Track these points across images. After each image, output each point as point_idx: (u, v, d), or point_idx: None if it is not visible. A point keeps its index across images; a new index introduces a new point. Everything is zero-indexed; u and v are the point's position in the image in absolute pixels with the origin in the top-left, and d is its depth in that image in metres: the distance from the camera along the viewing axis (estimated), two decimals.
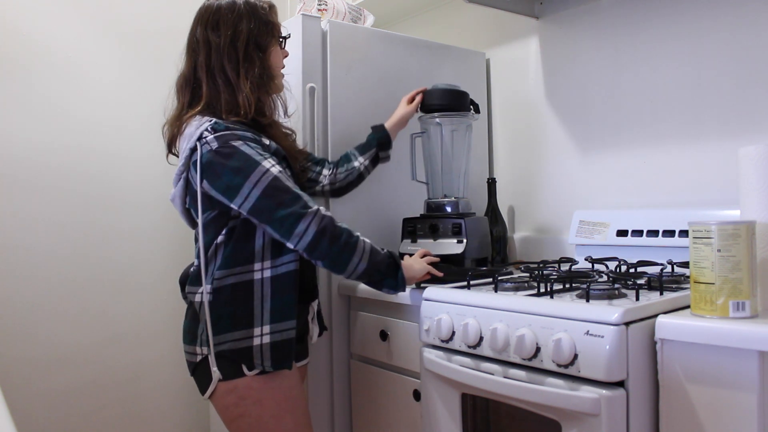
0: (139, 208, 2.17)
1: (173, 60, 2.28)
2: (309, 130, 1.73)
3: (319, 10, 1.90)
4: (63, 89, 2.05)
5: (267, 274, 1.32)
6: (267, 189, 1.26)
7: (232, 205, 1.28)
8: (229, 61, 1.34)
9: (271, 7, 1.43)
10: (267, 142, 1.35)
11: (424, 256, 1.52)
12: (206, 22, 1.36)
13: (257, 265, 1.32)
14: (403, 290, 1.40)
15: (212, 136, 1.28)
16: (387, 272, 1.36)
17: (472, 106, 1.76)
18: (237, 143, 1.27)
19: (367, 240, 1.35)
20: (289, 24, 1.78)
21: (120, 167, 2.15)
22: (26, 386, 1.95)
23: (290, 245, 1.28)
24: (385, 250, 1.37)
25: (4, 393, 0.99)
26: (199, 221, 1.35)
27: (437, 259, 1.53)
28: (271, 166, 1.28)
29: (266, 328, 1.30)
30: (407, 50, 1.95)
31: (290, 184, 1.29)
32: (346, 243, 1.29)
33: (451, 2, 2.28)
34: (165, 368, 2.22)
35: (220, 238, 1.33)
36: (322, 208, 1.30)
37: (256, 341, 1.30)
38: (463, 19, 2.25)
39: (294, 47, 1.72)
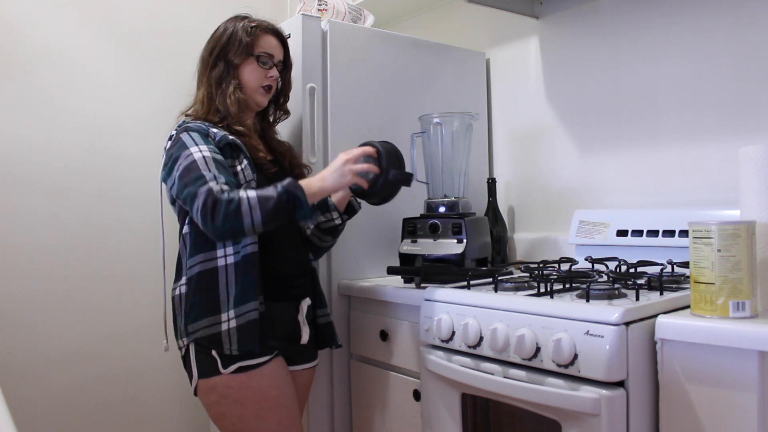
0: (140, 205, 2.17)
1: (173, 59, 2.29)
2: (309, 130, 1.73)
3: (319, 10, 1.90)
4: (63, 88, 2.05)
5: (230, 260, 1.36)
6: (182, 170, 1.30)
7: (172, 193, 1.38)
8: (203, 71, 1.49)
9: (256, 28, 1.48)
10: (215, 130, 1.39)
11: (355, 159, 1.40)
12: (208, 38, 1.52)
13: (220, 252, 1.36)
14: (307, 213, 1.32)
15: (177, 134, 1.39)
16: (289, 208, 1.29)
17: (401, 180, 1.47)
18: (182, 134, 1.37)
19: (252, 194, 1.26)
20: (289, 24, 1.78)
21: (121, 165, 2.15)
22: (26, 383, 1.95)
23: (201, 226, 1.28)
24: (280, 187, 1.28)
25: (4, 390, 1.00)
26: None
27: (369, 150, 1.42)
28: (197, 150, 1.32)
29: (231, 313, 1.34)
30: (407, 50, 1.95)
31: (205, 166, 1.28)
32: (228, 213, 1.23)
33: (451, 2, 2.27)
34: (166, 365, 2.21)
35: (184, 229, 1.41)
36: (217, 186, 1.25)
37: (224, 326, 1.34)
38: (463, 19, 2.25)
39: (294, 47, 1.72)
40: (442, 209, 1.73)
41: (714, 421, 1.01)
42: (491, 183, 2.00)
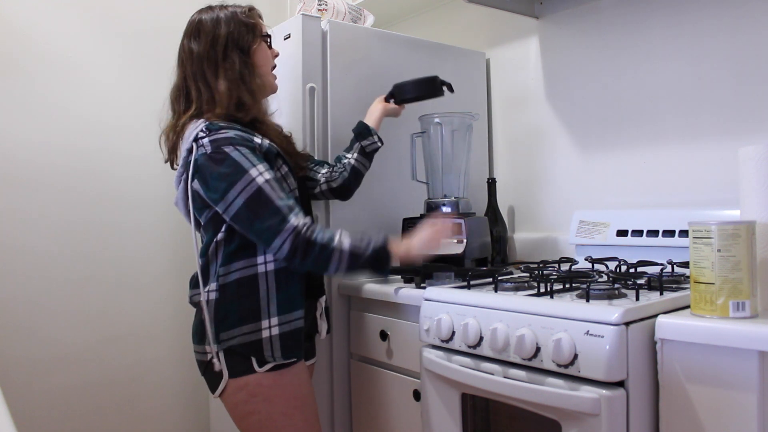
0: (140, 207, 2.17)
1: (173, 59, 2.29)
2: (309, 130, 1.73)
3: (319, 10, 1.90)
4: (63, 89, 2.05)
5: (270, 267, 1.34)
6: (249, 200, 1.28)
7: (217, 209, 1.32)
8: (209, 65, 1.39)
9: (251, 9, 1.46)
10: (258, 140, 1.36)
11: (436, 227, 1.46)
12: (189, 33, 1.43)
13: (260, 258, 1.34)
14: (387, 274, 1.46)
15: (207, 139, 1.32)
16: (372, 267, 1.35)
17: (444, 86, 1.69)
18: (228, 149, 1.30)
19: (347, 246, 1.30)
20: (289, 24, 1.78)
21: (120, 166, 2.15)
22: (26, 386, 1.95)
23: (271, 254, 1.33)
24: (371, 250, 1.32)
25: (4, 392, 1.00)
26: (198, 221, 1.41)
27: (448, 226, 1.48)
28: (258, 174, 1.29)
29: (274, 320, 1.32)
30: (407, 50, 1.95)
31: (275, 194, 1.29)
32: (319, 257, 1.28)
33: (451, 2, 2.27)
34: (165, 368, 2.22)
35: (220, 236, 1.36)
36: (301, 221, 1.28)
37: (265, 333, 1.32)
38: (463, 19, 2.25)
39: (294, 47, 1.72)
40: (442, 209, 1.73)
41: (714, 421, 1.01)
42: (491, 183, 2.00)
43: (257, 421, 1.35)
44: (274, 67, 1.51)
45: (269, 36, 1.49)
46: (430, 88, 1.68)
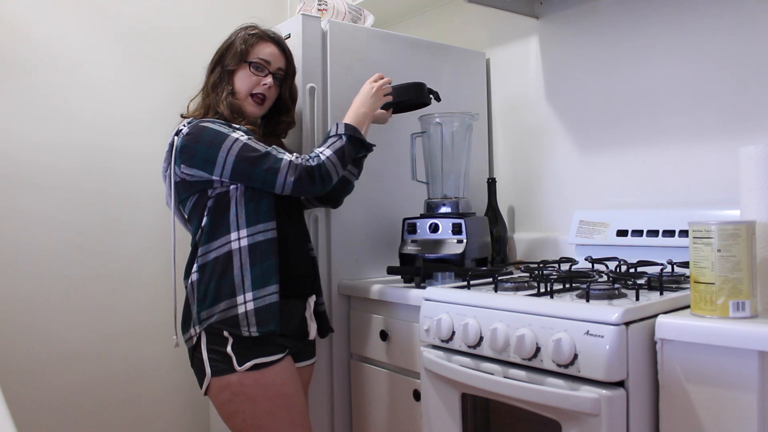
0: (141, 206, 2.17)
1: (173, 59, 2.30)
2: (309, 130, 1.73)
3: (319, 10, 1.90)
4: (64, 88, 2.05)
5: (244, 243, 1.38)
6: (239, 154, 1.36)
7: (213, 177, 1.38)
8: (206, 77, 1.54)
9: (253, 37, 1.51)
10: (237, 127, 1.44)
11: (377, 84, 1.59)
12: None
13: (233, 235, 1.38)
14: (369, 145, 1.56)
15: (186, 128, 1.41)
16: (357, 149, 1.51)
17: (432, 95, 1.68)
18: (206, 123, 1.41)
19: (329, 152, 1.44)
20: (289, 24, 1.78)
21: (121, 165, 2.15)
22: (26, 384, 1.95)
23: (278, 193, 1.39)
24: (344, 137, 1.47)
25: (4, 390, 1.00)
26: (183, 215, 1.49)
27: (387, 80, 1.62)
28: (240, 135, 1.39)
29: (249, 296, 1.36)
30: (407, 50, 1.95)
31: (260, 145, 1.39)
32: (321, 176, 1.41)
33: (451, 2, 2.27)
34: (166, 366, 2.22)
35: (204, 221, 1.41)
36: (291, 156, 1.39)
37: (241, 309, 1.35)
38: (463, 19, 2.25)
39: (294, 47, 1.72)
40: (442, 209, 1.73)
41: (714, 421, 1.01)
42: (491, 183, 2.00)
43: (242, 421, 1.37)
44: (262, 98, 1.51)
45: (266, 62, 1.51)
46: (417, 94, 1.66)
